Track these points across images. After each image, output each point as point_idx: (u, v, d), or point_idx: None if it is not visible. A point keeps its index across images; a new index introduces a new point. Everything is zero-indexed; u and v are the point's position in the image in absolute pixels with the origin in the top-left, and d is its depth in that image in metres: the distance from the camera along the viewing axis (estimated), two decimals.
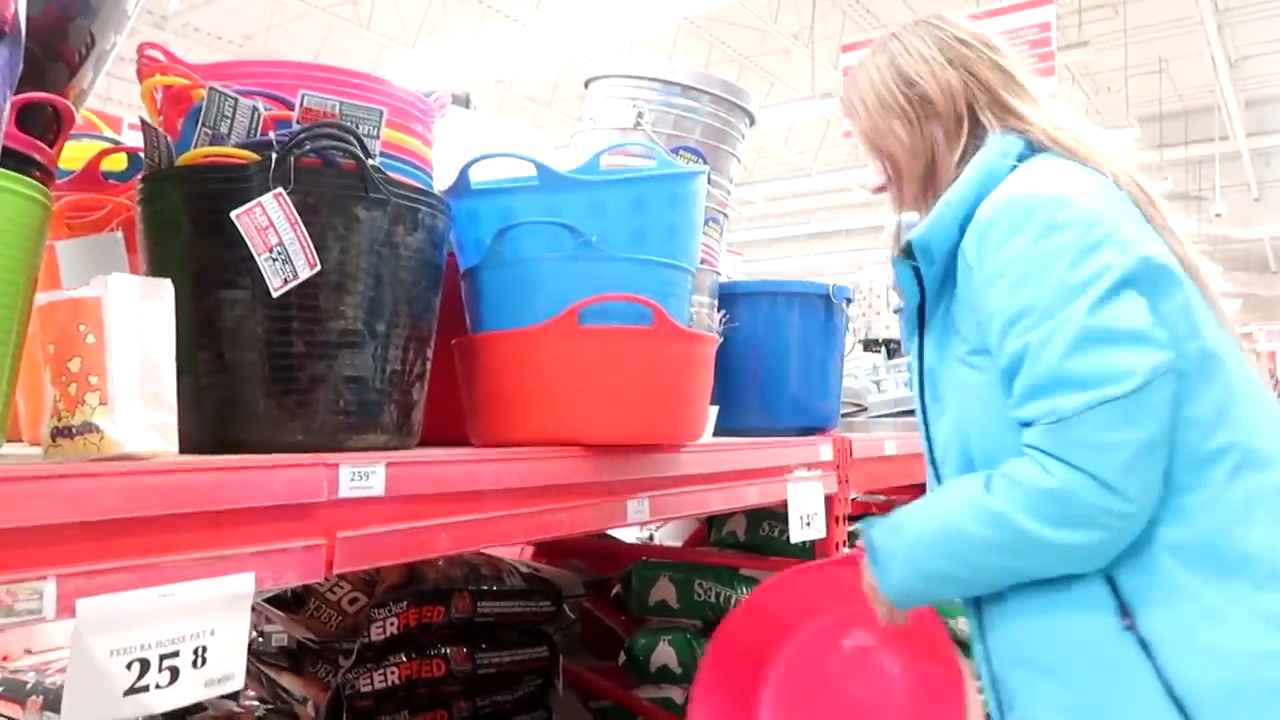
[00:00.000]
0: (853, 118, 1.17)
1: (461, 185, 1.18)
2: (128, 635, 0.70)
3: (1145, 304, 0.94)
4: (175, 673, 0.72)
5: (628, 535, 2.88)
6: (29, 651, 1.97)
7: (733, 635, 1.51)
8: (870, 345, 3.86)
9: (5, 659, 1.99)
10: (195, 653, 0.73)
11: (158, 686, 0.72)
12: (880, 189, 1.20)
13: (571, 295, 1.13)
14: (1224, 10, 9.69)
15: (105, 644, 0.69)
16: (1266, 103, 11.38)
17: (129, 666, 0.69)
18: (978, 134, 1.08)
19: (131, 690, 0.70)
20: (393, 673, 1.63)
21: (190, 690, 0.74)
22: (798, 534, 1.53)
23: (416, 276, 1.07)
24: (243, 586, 0.77)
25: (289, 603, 1.70)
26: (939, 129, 1.10)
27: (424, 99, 1.13)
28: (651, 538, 2.72)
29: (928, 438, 1.15)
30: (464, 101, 1.81)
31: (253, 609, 1.71)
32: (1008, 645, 1.05)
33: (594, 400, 1.12)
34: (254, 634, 1.71)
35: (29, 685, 1.88)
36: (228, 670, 0.76)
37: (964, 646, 1.29)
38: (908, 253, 1.07)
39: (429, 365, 1.11)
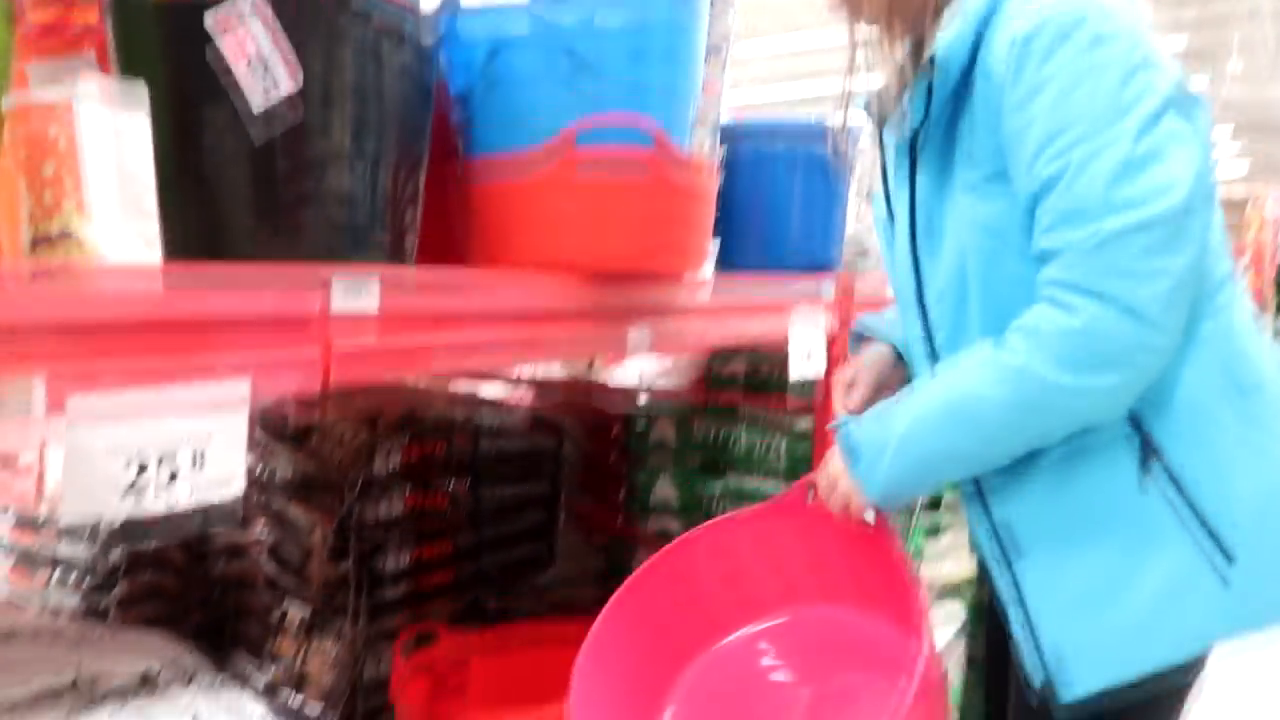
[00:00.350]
0: None
1: (452, 2, 1.13)
2: (122, 433, 0.71)
3: (1185, 126, 0.89)
4: (174, 474, 0.73)
5: (627, 382, 2.91)
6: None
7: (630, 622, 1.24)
8: None
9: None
10: (193, 455, 0.74)
11: (156, 486, 0.72)
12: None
13: (568, 118, 1.09)
14: None
15: (100, 440, 0.69)
16: None
17: (126, 465, 0.70)
18: None
19: (130, 489, 0.71)
20: (397, 504, 1.67)
21: (189, 492, 0.75)
22: (798, 369, 1.53)
23: (405, 95, 1.03)
24: (239, 391, 0.77)
25: (293, 438, 1.73)
26: None
27: None
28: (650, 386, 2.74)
29: (916, 276, 1.07)
30: None
31: (256, 443, 1.74)
32: (1016, 506, 1.01)
33: (592, 226, 1.10)
34: (259, 467, 1.74)
35: (42, 513, 1.94)
36: (227, 473, 0.77)
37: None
38: (928, 68, 0.98)
39: (421, 189, 1.09)
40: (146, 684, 0.83)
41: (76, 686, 0.80)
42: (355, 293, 0.85)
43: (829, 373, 1.67)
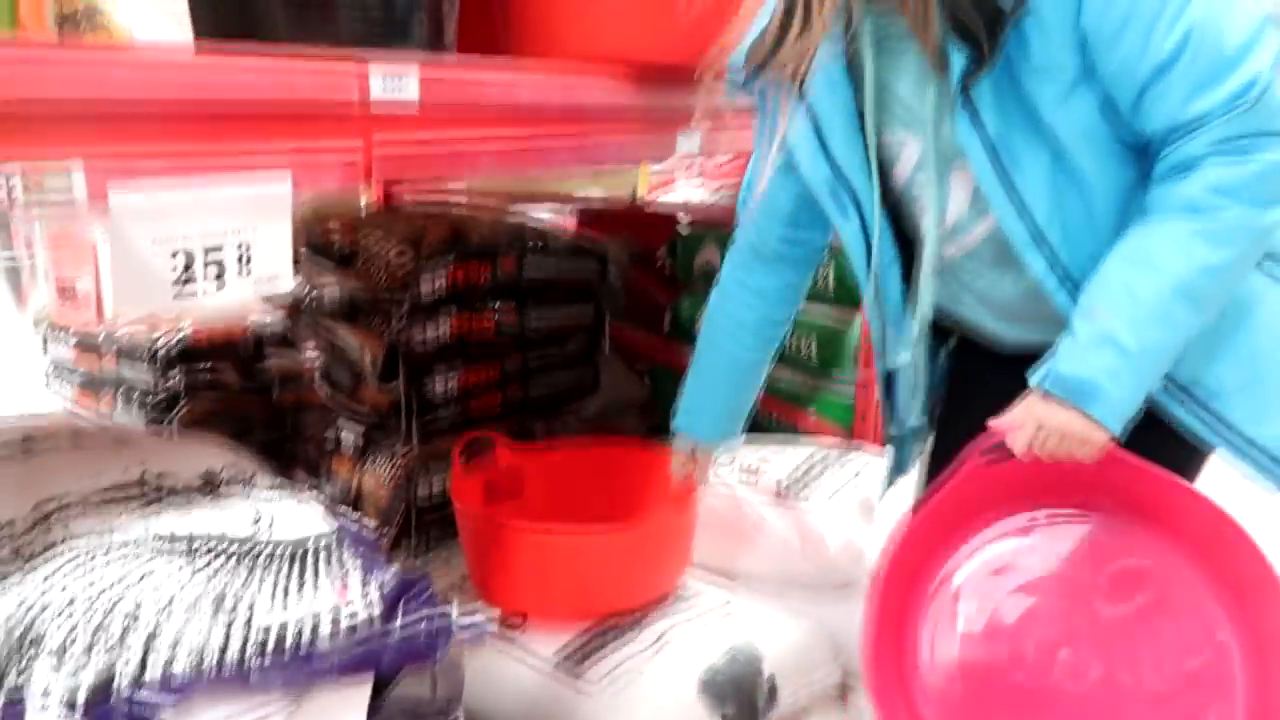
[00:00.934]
0: None
1: None
2: (167, 226, 0.68)
3: None
4: (221, 269, 0.71)
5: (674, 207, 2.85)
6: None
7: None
8: None
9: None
10: (239, 249, 0.71)
11: (207, 279, 0.70)
12: None
13: None
14: None
15: (146, 233, 0.67)
16: None
17: (174, 256, 0.68)
18: None
19: (179, 282, 0.69)
20: (444, 326, 1.66)
21: (239, 288, 0.73)
22: None
23: None
24: (280, 186, 0.73)
25: (339, 258, 1.71)
26: None
27: None
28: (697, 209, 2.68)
29: (1021, 206, 0.94)
30: None
31: (302, 265, 1.73)
32: (1203, 364, 0.98)
33: (644, 14, 1.02)
34: (308, 288, 1.74)
35: (101, 338, 1.96)
36: (274, 270, 0.75)
37: None
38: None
39: None
40: (209, 483, 0.85)
41: (144, 482, 0.82)
42: (395, 82, 0.80)
43: None
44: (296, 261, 1.69)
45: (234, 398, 1.92)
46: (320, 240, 1.73)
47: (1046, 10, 0.86)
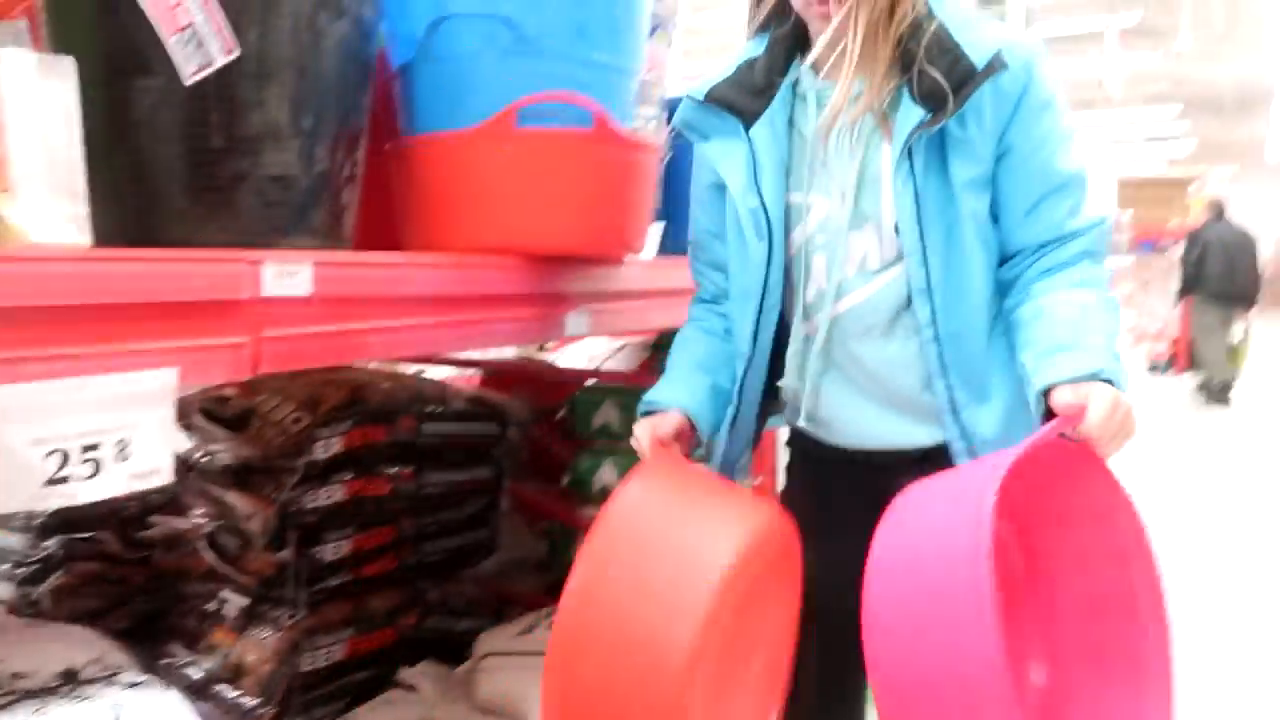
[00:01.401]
0: None
1: None
2: (45, 425, 0.68)
3: None
4: (98, 465, 0.71)
5: (576, 364, 2.90)
6: None
7: None
8: None
9: None
10: (118, 445, 0.72)
11: (80, 478, 0.70)
12: None
13: (509, 95, 1.07)
14: None
15: (21, 433, 0.66)
16: None
17: (48, 456, 0.68)
18: None
19: (52, 481, 0.68)
20: (337, 490, 1.65)
21: (114, 483, 0.72)
22: None
23: (344, 69, 1.01)
24: (165, 380, 0.74)
25: (232, 422, 1.69)
26: None
27: None
28: (598, 369, 2.74)
29: (923, 257, 1.08)
30: None
31: (194, 428, 1.70)
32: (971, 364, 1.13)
33: (532, 207, 1.08)
34: (199, 453, 1.70)
35: None
36: (154, 464, 0.74)
37: None
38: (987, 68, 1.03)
39: (360, 168, 1.06)
40: (68, 680, 0.81)
41: None
42: (287, 277, 0.83)
43: None
44: (189, 429, 1.68)
45: (113, 565, 1.83)
46: (214, 404, 1.71)
47: (988, 102, 1.04)
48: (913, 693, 0.89)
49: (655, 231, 1.49)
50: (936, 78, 1.01)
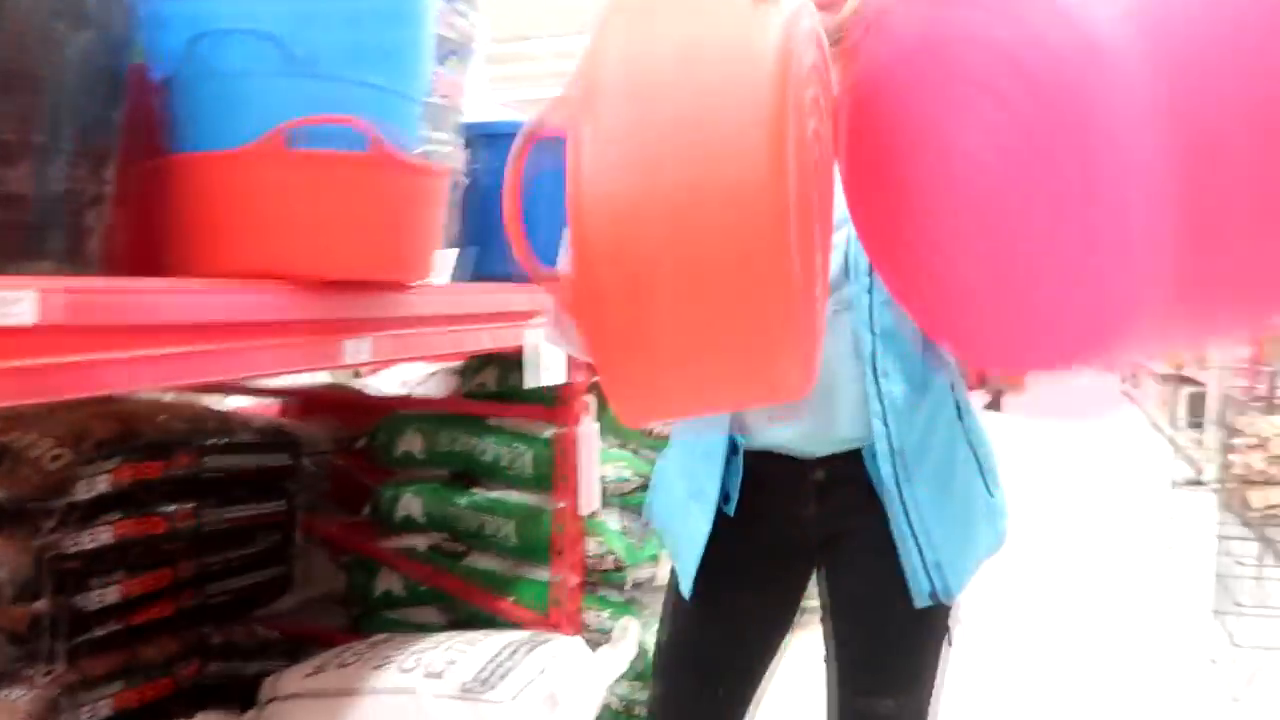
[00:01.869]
0: None
1: None
2: None
3: None
4: None
5: (386, 388, 2.82)
6: None
7: None
8: None
9: None
10: None
11: None
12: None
13: (280, 115, 1.02)
14: None
15: None
16: None
17: None
18: None
19: None
20: (104, 532, 1.52)
21: None
22: (534, 380, 1.53)
23: (87, 82, 0.93)
24: None
25: None
26: None
27: None
28: (411, 394, 2.67)
29: (871, 311, 1.17)
30: None
31: None
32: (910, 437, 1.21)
33: (303, 231, 1.04)
34: None
35: None
36: None
37: None
38: None
39: (109, 187, 0.99)
40: None
41: None
42: (8, 305, 0.76)
43: (570, 381, 1.69)
44: None
45: None
46: None
47: None
48: None
49: (448, 257, 1.46)
50: None
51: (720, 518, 1.25)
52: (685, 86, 0.73)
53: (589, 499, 1.77)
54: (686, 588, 1.28)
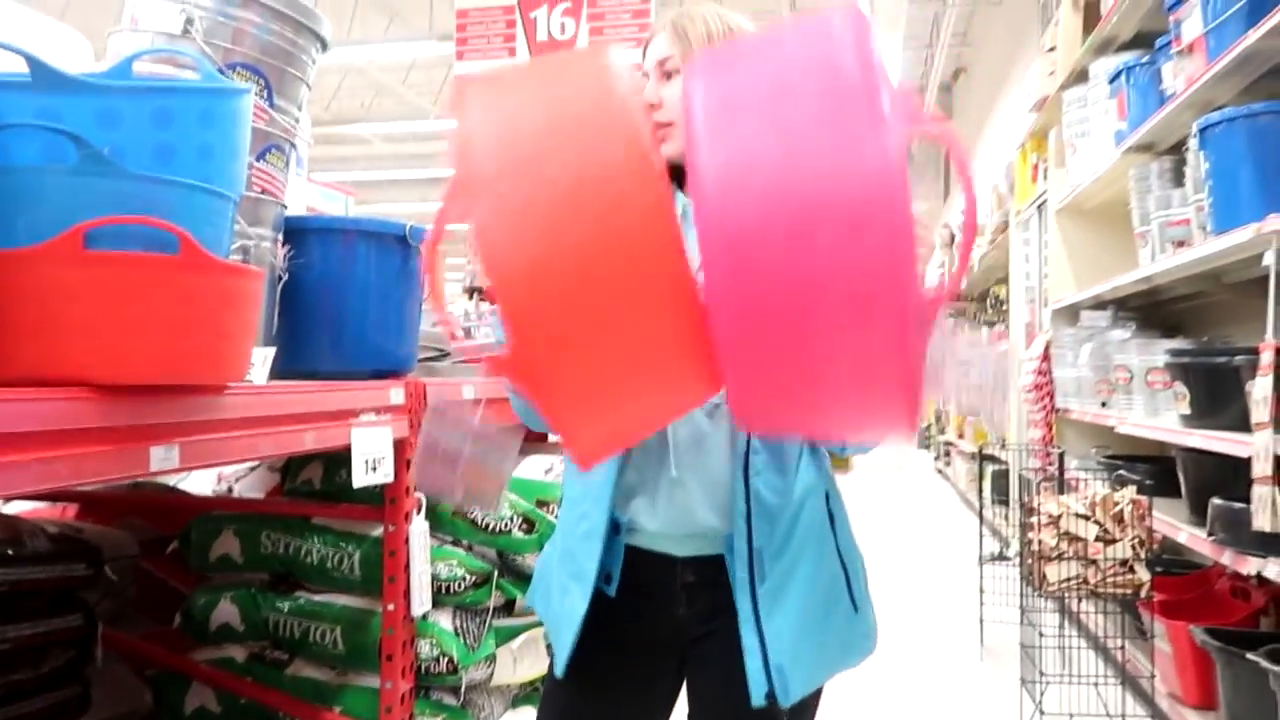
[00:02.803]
0: (681, 42, 1.24)
1: None
2: None
3: None
4: None
5: (203, 489, 2.67)
6: None
7: None
8: (475, 292, 3.88)
9: None
10: None
11: None
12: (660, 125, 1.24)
13: (79, 214, 0.98)
14: (798, 7, 10.92)
15: None
16: None
17: None
18: None
19: None
20: None
21: None
22: (361, 479, 1.49)
23: None
24: None
25: None
26: None
27: None
28: (231, 490, 2.53)
29: None
30: None
31: None
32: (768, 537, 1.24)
33: (106, 335, 0.98)
34: None
35: None
36: None
37: None
38: None
39: None
40: None
41: None
42: None
43: (399, 479, 1.65)
44: None
45: None
46: None
47: None
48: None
49: (266, 356, 1.42)
50: None
51: (600, 601, 1.28)
52: (560, 154, 0.81)
53: (421, 599, 1.72)
54: (560, 668, 1.29)
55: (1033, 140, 5.26)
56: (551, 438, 2.67)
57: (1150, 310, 4.16)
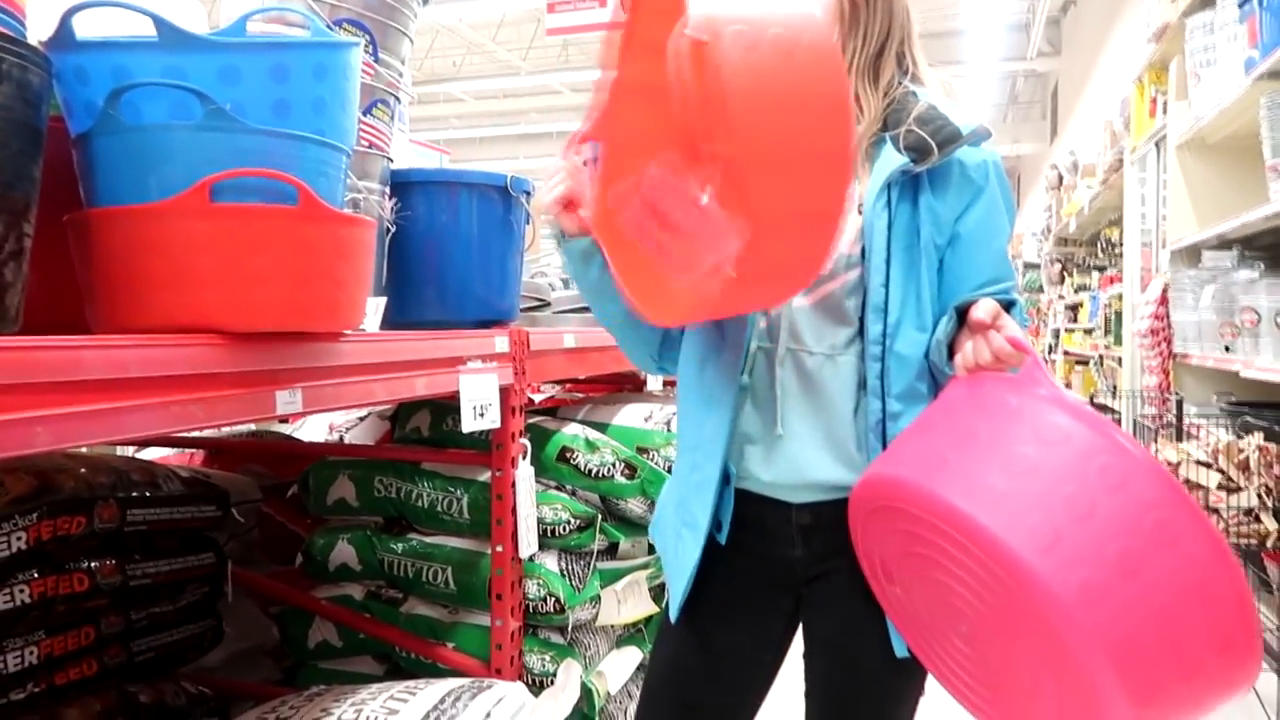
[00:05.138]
0: None
1: (64, 37, 1.03)
2: None
3: None
4: None
5: (316, 436, 2.78)
6: None
7: None
8: None
9: None
10: None
11: None
12: None
13: (204, 169, 1.02)
14: None
15: None
16: (937, 36, 12.57)
17: None
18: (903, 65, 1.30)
19: None
20: (21, 592, 1.47)
21: None
22: (470, 424, 1.53)
23: (5, 137, 0.92)
24: None
25: None
26: (895, 42, 1.29)
27: None
28: (342, 439, 2.64)
29: (886, 286, 1.22)
30: None
31: None
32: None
33: (232, 284, 1.03)
34: None
35: None
36: None
37: None
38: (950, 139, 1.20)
39: (27, 242, 0.98)
40: None
41: None
42: None
43: (505, 425, 1.69)
44: None
45: None
46: None
47: (955, 183, 1.24)
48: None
49: (378, 306, 1.46)
50: (923, 135, 1.19)
51: (712, 548, 1.30)
52: None
53: (528, 542, 1.77)
54: (674, 613, 1.34)
55: (1151, 72, 4.98)
56: (651, 387, 2.68)
57: None
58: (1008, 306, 1.14)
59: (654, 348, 1.41)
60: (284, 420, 2.80)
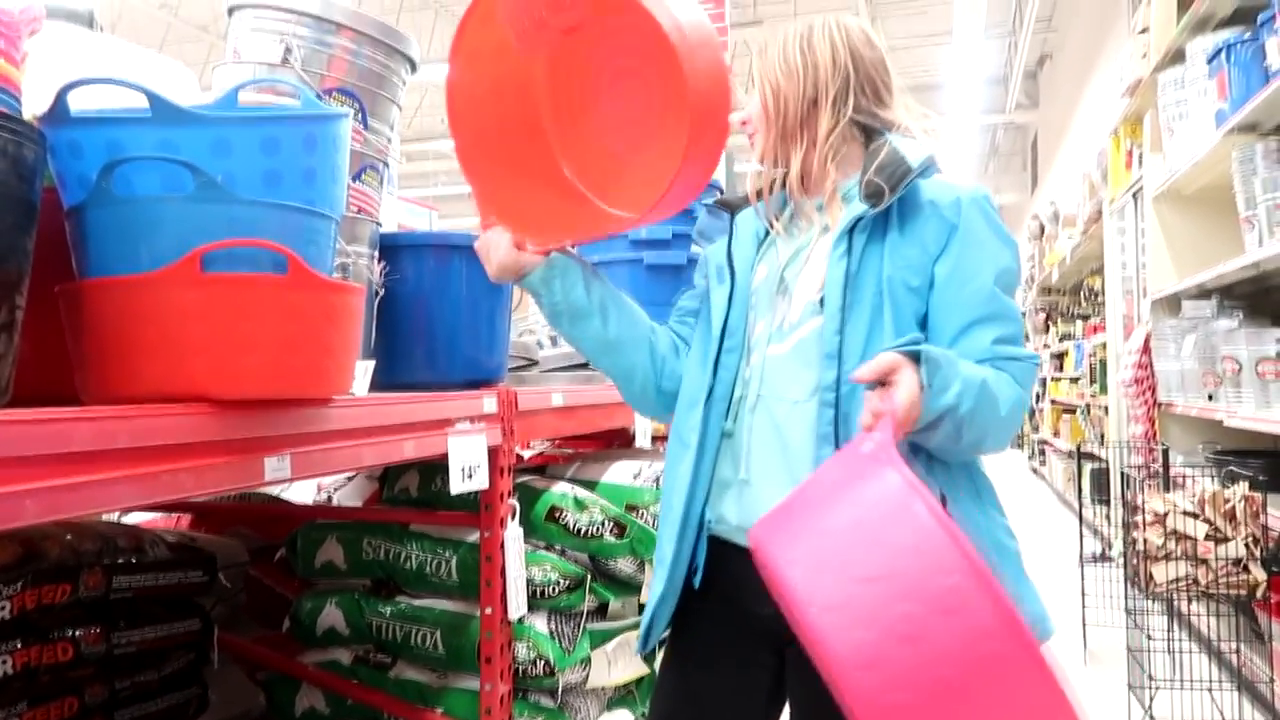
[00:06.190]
0: (761, 55, 1.35)
1: (59, 112, 1.05)
2: None
3: None
4: None
5: (305, 496, 2.76)
6: None
7: None
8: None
9: None
10: None
11: None
12: (744, 124, 1.36)
13: (195, 239, 1.04)
14: (875, 3, 10.78)
15: None
16: (917, 90, 12.80)
17: None
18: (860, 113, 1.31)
19: None
20: (4, 663, 1.46)
21: None
22: (458, 486, 1.53)
23: None
24: None
25: None
26: (829, 95, 1.30)
27: (5, 10, 0.98)
28: (330, 499, 2.62)
29: (840, 334, 1.22)
30: (85, 20, 1.61)
31: None
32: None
33: (222, 353, 1.04)
34: None
35: None
36: None
37: None
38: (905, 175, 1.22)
39: (19, 314, 0.99)
40: None
41: None
42: None
43: (493, 486, 1.69)
44: None
45: None
46: None
47: (930, 226, 1.24)
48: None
49: (366, 369, 1.47)
50: (878, 181, 1.22)
51: (691, 593, 1.33)
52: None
53: (517, 604, 1.75)
54: (638, 645, 1.38)
55: (1126, 125, 5.09)
56: (640, 444, 2.68)
57: (1258, 298, 3.98)
58: (915, 358, 1.09)
59: (650, 371, 1.40)
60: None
